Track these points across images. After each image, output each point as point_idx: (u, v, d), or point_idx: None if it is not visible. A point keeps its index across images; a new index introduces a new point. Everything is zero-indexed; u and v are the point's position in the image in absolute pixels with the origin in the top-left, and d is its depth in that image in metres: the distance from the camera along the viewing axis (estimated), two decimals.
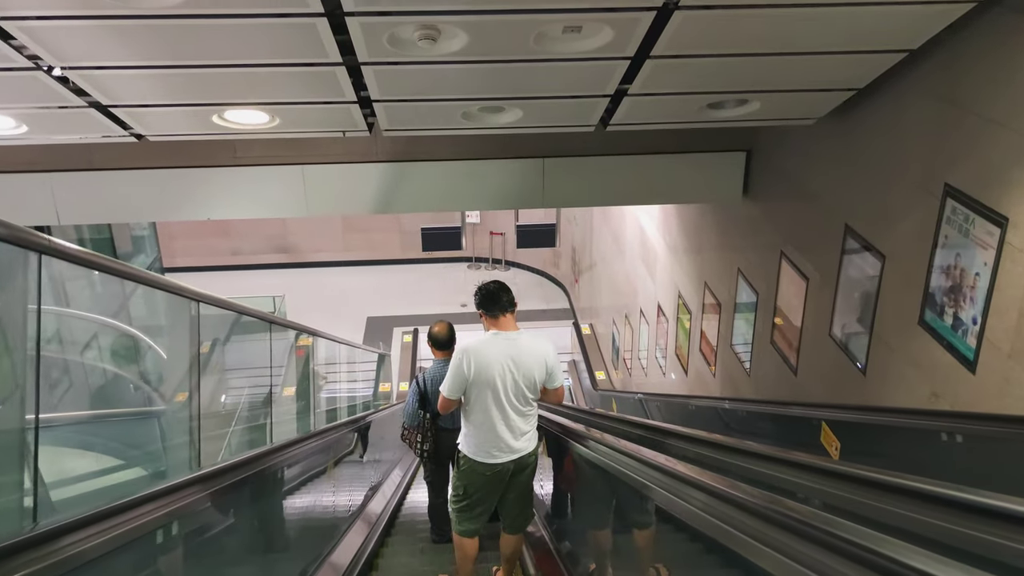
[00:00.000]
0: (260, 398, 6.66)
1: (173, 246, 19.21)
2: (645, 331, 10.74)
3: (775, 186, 6.28)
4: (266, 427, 7.36)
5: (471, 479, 4.22)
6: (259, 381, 6.64)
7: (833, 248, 5.18)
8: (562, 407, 5.40)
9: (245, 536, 3.28)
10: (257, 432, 6.77)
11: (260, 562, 3.57)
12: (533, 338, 4.10)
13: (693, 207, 8.31)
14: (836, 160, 5.18)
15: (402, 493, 8.43)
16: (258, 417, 6.99)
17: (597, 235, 14.07)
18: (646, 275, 10.52)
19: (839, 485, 2.09)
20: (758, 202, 6.59)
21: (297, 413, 8.42)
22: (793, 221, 5.93)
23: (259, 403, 6.71)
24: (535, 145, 6.54)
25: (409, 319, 16.68)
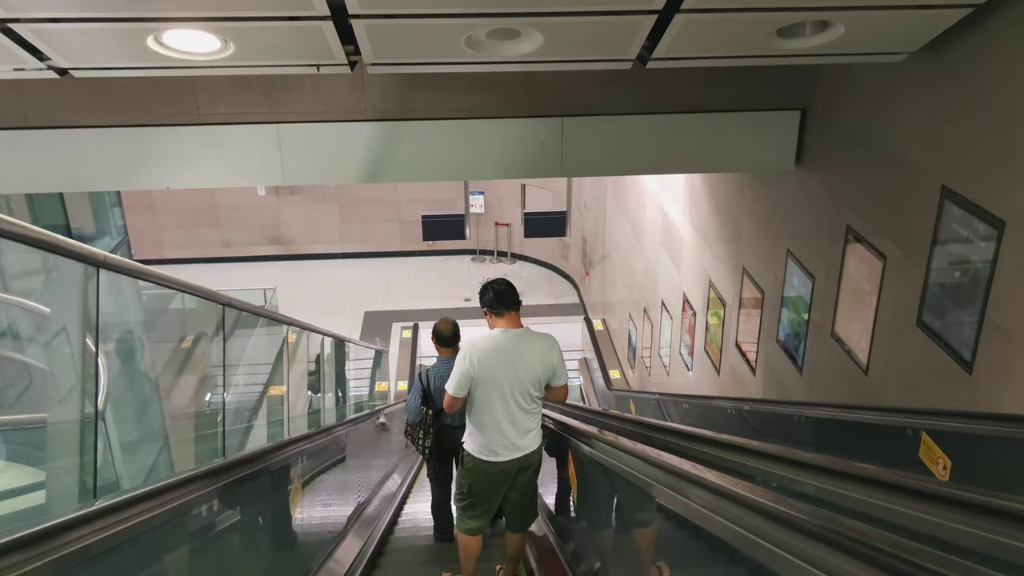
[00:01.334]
0: (240, 400, 6.09)
1: (160, 237, 18.27)
2: (667, 326, 9.74)
3: (839, 148, 5.27)
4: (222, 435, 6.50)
5: (475, 477, 4.20)
6: (240, 381, 6.16)
7: (923, 217, 4.17)
8: (576, 409, 5.28)
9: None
10: (235, 438, 5.98)
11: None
12: (538, 336, 4.07)
13: (729, 184, 7.31)
14: (931, 108, 4.17)
15: (398, 504, 7.46)
16: (234, 421, 6.18)
17: (611, 223, 13.07)
18: (669, 264, 9.52)
19: (942, 511, 1.58)
20: (815, 170, 5.58)
21: (268, 419, 7.44)
22: (864, 188, 4.92)
23: (241, 406, 6.17)
24: (553, 101, 5.54)
25: (409, 314, 15.70)
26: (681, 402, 7.56)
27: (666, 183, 9.47)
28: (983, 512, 1.47)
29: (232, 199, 18.02)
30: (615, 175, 8.69)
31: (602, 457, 3.40)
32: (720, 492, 1.81)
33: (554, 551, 4.95)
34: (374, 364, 13.00)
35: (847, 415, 4.31)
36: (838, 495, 2.06)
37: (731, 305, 7.36)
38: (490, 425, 4.04)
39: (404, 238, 18.72)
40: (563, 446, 4.79)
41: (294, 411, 8.59)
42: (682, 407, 7.56)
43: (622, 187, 12.01)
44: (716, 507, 1.82)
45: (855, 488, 1.98)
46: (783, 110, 5.67)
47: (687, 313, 8.84)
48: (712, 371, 8.02)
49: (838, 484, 2.08)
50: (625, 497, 3.43)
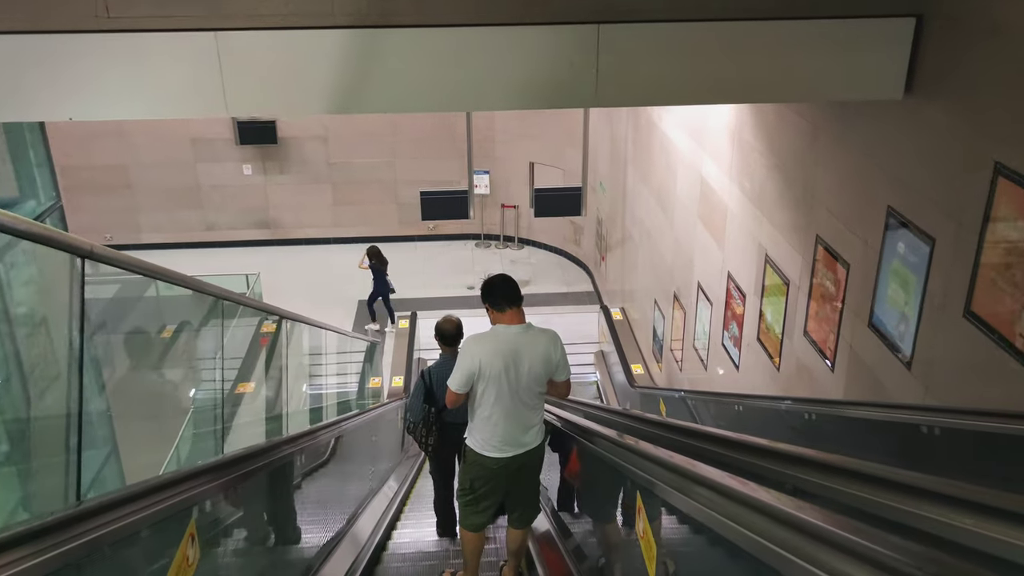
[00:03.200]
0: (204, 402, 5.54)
1: (138, 220, 16.88)
2: (705, 313, 8.32)
3: (978, 64, 3.84)
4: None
5: (478, 473, 4.20)
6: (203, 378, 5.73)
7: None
8: (594, 408, 5.35)
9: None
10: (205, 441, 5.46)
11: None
12: (540, 331, 4.05)
13: (795, 131, 5.88)
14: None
15: (387, 528, 6.11)
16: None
17: (633, 199, 11.63)
18: (709, 241, 8.09)
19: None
20: (939, 95, 4.15)
21: (235, 422, 6.08)
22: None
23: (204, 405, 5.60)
24: (586, 1, 4.13)
25: (407, 303, 14.29)
26: (732, 403, 6.14)
27: (704, 143, 8.04)
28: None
29: (215, 177, 16.60)
30: (666, 104, 6.94)
31: (639, 474, 2.83)
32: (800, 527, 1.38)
33: (557, 546, 4.90)
34: (366, 358, 11.61)
35: (1005, 426, 2.90)
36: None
37: (798, 284, 5.94)
38: (492, 421, 4.04)
39: (402, 221, 17.29)
40: (566, 442, 4.74)
41: (272, 411, 7.25)
42: (732, 410, 6.14)
43: (646, 155, 10.57)
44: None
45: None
46: (891, 16, 4.25)
47: (733, 297, 7.42)
48: (768, 365, 6.60)
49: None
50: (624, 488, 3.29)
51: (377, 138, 16.45)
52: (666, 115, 9.51)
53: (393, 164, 16.75)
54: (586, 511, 4.61)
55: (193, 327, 6.31)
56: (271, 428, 6.45)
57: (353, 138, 16.44)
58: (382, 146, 16.54)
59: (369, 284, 14.45)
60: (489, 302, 4.05)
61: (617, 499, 3.50)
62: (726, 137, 7.40)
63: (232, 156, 16.39)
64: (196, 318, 6.16)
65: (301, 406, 7.88)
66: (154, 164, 16.32)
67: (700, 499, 1.96)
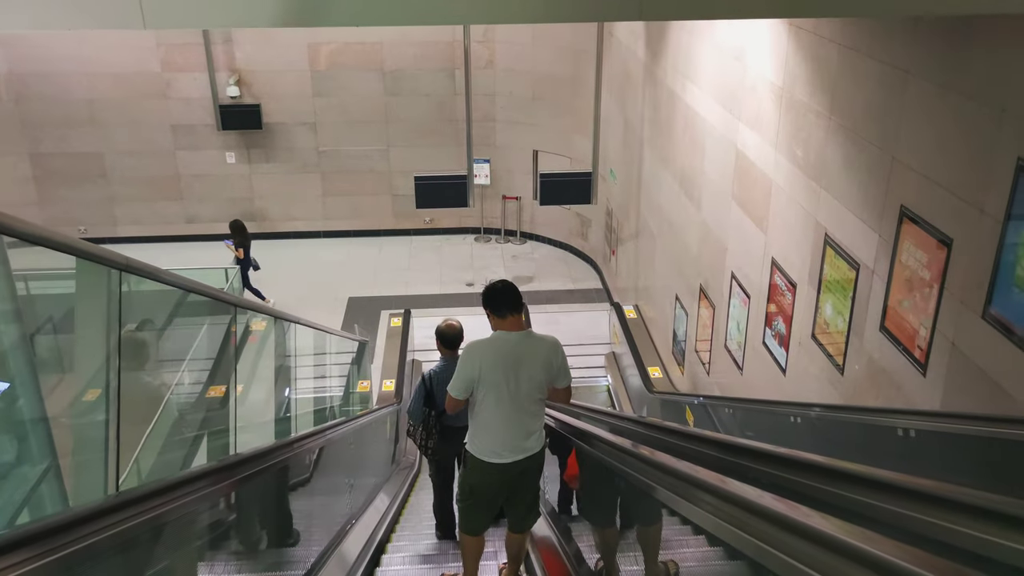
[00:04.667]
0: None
1: (114, 212, 15.78)
2: (740, 308, 7.23)
3: None
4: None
5: (478, 478, 4.18)
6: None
7: None
8: (610, 417, 5.20)
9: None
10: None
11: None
12: (540, 338, 4.07)
13: (868, 82, 4.80)
14: None
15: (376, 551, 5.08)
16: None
17: (650, 184, 10.53)
18: (746, 223, 7.00)
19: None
20: None
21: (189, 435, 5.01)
22: None
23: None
24: None
25: (401, 300, 13.21)
26: (788, 414, 5.05)
27: (741, 110, 6.95)
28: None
29: (196, 166, 15.48)
30: (720, 16, 5.64)
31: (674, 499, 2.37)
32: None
33: (556, 550, 4.90)
34: (356, 359, 10.50)
35: None
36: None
37: (871, 268, 4.85)
38: (492, 427, 4.04)
39: (397, 214, 16.18)
40: (565, 447, 4.72)
41: (251, 418, 6.17)
42: (786, 422, 5.05)
43: (666, 134, 9.49)
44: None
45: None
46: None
47: (779, 288, 6.33)
48: (826, 368, 5.50)
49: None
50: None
51: (370, 124, 15.36)
52: (690, 85, 8.42)
53: (387, 152, 15.64)
54: (599, 520, 4.49)
55: (155, 326, 5.57)
56: (242, 439, 5.37)
57: (344, 124, 15.34)
58: (375, 132, 15.44)
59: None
60: (490, 308, 4.03)
61: (636, 509, 3.42)
62: (770, 99, 6.31)
63: (214, 143, 15.28)
64: (160, 315, 5.33)
65: (273, 415, 6.77)
66: (130, 152, 15.21)
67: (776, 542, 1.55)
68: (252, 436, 5.39)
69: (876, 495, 2.04)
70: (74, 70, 14.42)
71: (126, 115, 14.88)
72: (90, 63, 14.40)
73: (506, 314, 3.99)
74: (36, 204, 15.23)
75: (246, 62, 14.75)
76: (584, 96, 13.61)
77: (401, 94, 15.14)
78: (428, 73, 15.01)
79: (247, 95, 14.91)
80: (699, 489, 2.11)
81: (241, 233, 12.92)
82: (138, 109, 14.86)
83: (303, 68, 14.83)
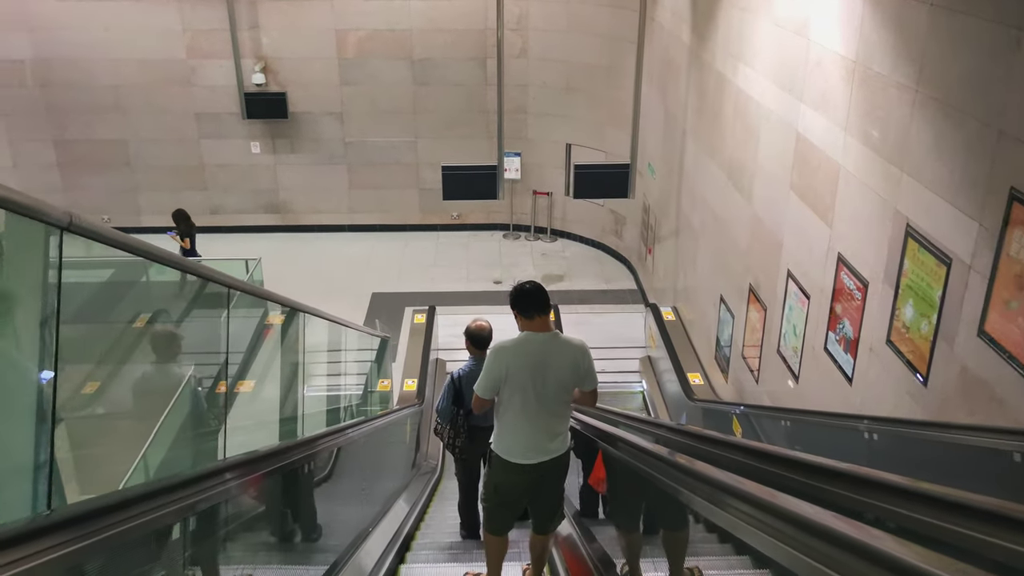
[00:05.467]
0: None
1: (138, 201, 15.41)
2: (797, 310, 6.57)
3: None
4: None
5: (503, 478, 4.17)
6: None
7: None
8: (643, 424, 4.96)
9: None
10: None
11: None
12: (567, 340, 4.05)
13: (968, 45, 4.14)
14: None
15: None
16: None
17: (693, 177, 9.88)
18: (807, 215, 6.34)
19: None
20: None
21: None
22: None
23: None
24: None
25: (426, 297, 12.65)
26: (858, 428, 4.39)
27: (804, 90, 6.30)
28: None
29: (220, 155, 15.05)
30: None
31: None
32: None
33: (580, 551, 4.87)
34: (376, 356, 9.95)
35: None
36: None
37: (968, 262, 4.18)
38: (518, 428, 4.02)
39: (424, 209, 15.65)
40: (591, 450, 4.68)
41: (277, 413, 5.76)
42: (858, 438, 4.40)
43: (713, 122, 8.84)
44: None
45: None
46: None
47: (846, 287, 5.67)
48: (906, 377, 4.84)
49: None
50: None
51: (398, 115, 14.84)
52: (743, 67, 7.77)
53: (415, 144, 15.11)
54: (626, 525, 4.42)
55: (171, 318, 5.25)
56: (237, 441, 4.83)
57: (371, 114, 14.83)
58: (403, 123, 14.91)
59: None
60: (518, 309, 4.02)
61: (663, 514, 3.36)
62: (839, 75, 5.65)
63: (239, 132, 14.84)
64: (176, 307, 5.20)
65: (276, 415, 6.23)
66: (155, 140, 14.83)
67: None
68: (248, 437, 4.85)
69: (969, 522, 1.74)
70: (99, 56, 14.07)
71: (151, 102, 14.50)
72: (115, 49, 14.04)
73: (534, 315, 3.98)
74: (60, 191, 14.89)
75: (272, 49, 14.30)
76: (621, 87, 12.99)
77: (430, 84, 14.60)
78: (459, 62, 14.46)
79: (273, 83, 14.45)
80: (769, 513, 1.81)
81: (186, 222, 12.34)
82: (163, 96, 14.48)
83: (330, 55, 14.34)
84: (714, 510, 2.22)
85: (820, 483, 2.45)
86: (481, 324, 5.35)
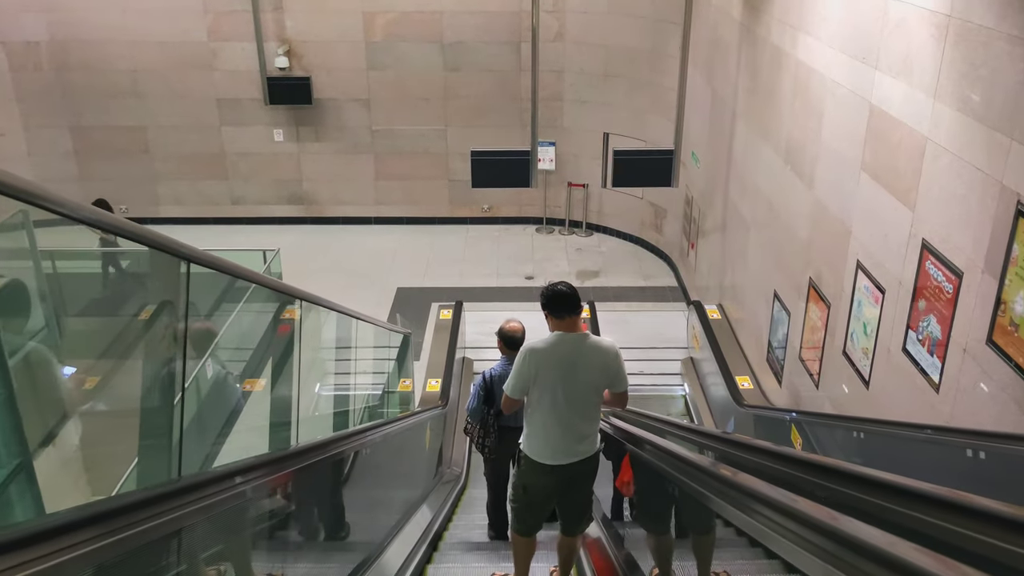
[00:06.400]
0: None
1: (156, 191, 14.93)
2: (869, 305, 5.78)
3: None
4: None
5: (531, 479, 4.19)
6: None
7: None
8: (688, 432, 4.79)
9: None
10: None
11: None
12: (598, 341, 4.05)
13: None
14: None
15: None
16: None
17: (744, 165, 9.09)
18: (883, 197, 5.55)
19: None
20: None
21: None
22: None
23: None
24: None
25: (454, 292, 11.96)
26: (965, 445, 3.61)
27: (879, 55, 5.51)
28: None
29: (242, 143, 14.51)
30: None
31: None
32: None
33: (608, 555, 4.83)
34: (400, 353, 9.29)
35: None
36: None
37: None
38: (546, 428, 4.01)
39: (453, 201, 14.99)
40: (619, 452, 4.61)
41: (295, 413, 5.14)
42: (958, 456, 3.62)
43: (767, 101, 8.05)
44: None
45: None
46: None
47: (932, 278, 4.87)
48: (1015, 382, 4.04)
49: None
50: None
51: (427, 101, 14.19)
52: (804, 37, 6.98)
53: (444, 133, 14.45)
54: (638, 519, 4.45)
55: (178, 310, 4.57)
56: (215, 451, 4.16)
57: (399, 101, 14.20)
58: (432, 111, 14.26)
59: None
60: (549, 309, 4.02)
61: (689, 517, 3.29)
62: (928, 33, 4.86)
63: (261, 119, 14.29)
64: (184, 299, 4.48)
65: (278, 417, 5.56)
66: (174, 127, 14.33)
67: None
68: (236, 446, 4.18)
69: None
70: (117, 38, 13.59)
71: (170, 87, 14.00)
72: (133, 31, 13.55)
73: (565, 316, 3.98)
74: (76, 180, 14.46)
75: (296, 32, 13.72)
76: (662, 71, 12.22)
77: (461, 69, 13.93)
78: (491, 46, 13.77)
79: (297, 67, 13.87)
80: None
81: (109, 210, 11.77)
82: (182, 81, 13.97)
83: (357, 39, 13.73)
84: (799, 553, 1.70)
85: (909, 509, 1.92)
86: (514, 326, 5.32)
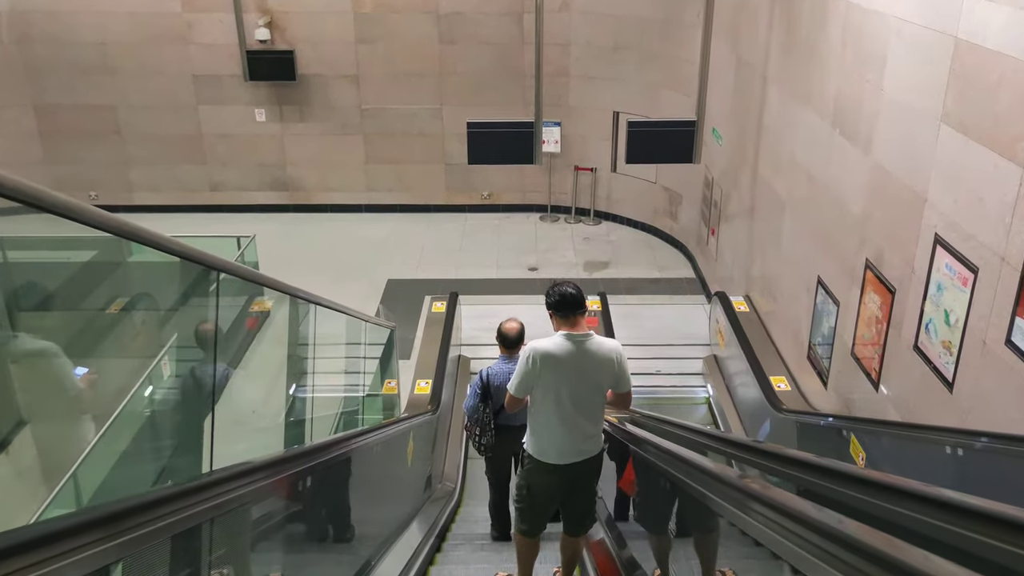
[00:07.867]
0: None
1: (129, 177, 13.85)
2: (954, 290, 4.65)
3: None
4: None
5: (535, 479, 4.21)
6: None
7: None
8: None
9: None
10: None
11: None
12: (602, 341, 4.07)
13: None
14: None
15: None
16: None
17: (777, 136, 7.95)
18: (976, 154, 4.43)
19: None
20: None
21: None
22: None
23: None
24: None
25: (449, 284, 10.86)
26: None
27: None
28: None
29: (221, 123, 13.42)
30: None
31: None
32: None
33: (611, 556, 4.81)
34: (386, 351, 8.18)
35: None
36: None
37: None
38: (550, 428, 4.03)
39: (450, 187, 13.88)
40: (623, 453, 4.60)
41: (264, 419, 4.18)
42: None
43: (809, 59, 6.92)
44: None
45: None
46: None
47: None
48: None
49: None
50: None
51: (421, 77, 13.08)
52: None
53: (440, 112, 13.34)
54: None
55: (155, 302, 4.49)
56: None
57: (391, 77, 13.09)
58: (427, 88, 13.15)
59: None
60: (553, 309, 4.01)
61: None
62: None
63: (241, 97, 13.19)
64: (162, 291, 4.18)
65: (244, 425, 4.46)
66: (147, 106, 13.24)
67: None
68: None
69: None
70: (83, 7, 12.52)
71: (142, 62, 12.91)
72: (101, 0, 12.46)
73: (569, 315, 3.96)
74: (42, 163, 13.37)
75: (279, 2, 12.62)
76: (678, 41, 11.12)
77: (458, 42, 12.82)
78: (491, 17, 12.66)
79: (279, 40, 12.78)
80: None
81: None
82: (156, 55, 12.88)
83: (345, 9, 12.63)
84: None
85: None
86: (511, 325, 5.35)
